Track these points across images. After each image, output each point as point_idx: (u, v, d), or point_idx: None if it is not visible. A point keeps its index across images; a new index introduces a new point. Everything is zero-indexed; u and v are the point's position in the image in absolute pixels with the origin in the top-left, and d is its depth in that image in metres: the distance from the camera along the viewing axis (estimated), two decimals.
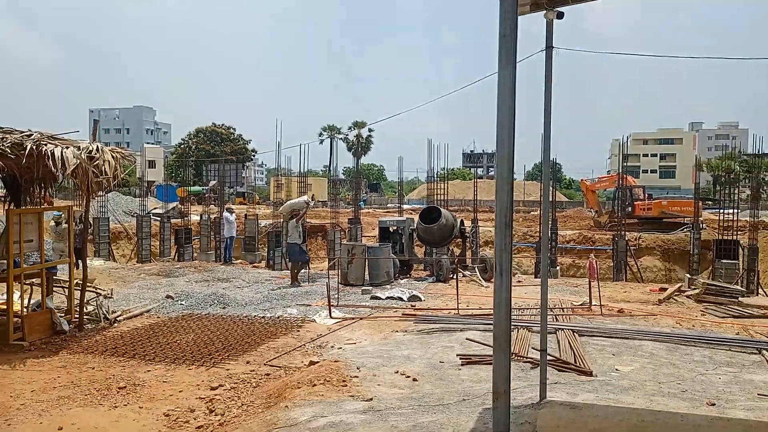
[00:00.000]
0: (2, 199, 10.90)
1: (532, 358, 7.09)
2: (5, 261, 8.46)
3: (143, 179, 30.83)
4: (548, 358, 6.03)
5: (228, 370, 7.20)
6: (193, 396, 6.30)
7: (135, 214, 27.90)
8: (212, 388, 6.48)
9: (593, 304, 10.85)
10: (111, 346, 8.19)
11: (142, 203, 27.52)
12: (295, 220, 14.44)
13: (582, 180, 40.39)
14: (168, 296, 11.64)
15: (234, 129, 73.31)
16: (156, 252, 23.21)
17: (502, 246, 3.27)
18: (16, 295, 8.69)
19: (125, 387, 6.51)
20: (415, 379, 6.48)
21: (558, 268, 21.22)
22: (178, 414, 5.79)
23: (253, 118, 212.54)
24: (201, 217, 24.40)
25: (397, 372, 6.75)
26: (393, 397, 5.86)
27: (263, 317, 10.07)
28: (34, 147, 8.14)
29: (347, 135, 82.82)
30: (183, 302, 11.29)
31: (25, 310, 8.95)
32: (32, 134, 8.51)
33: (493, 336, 3.29)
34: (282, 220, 22.10)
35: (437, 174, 24.55)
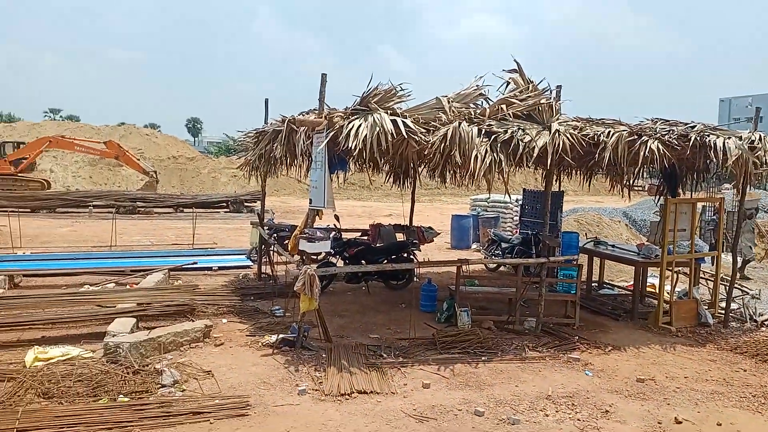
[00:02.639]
0: (645, 188, 11.57)
1: None
2: (660, 247, 8.97)
3: None
4: None
5: None
6: None
7: None
8: None
9: None
10: (763, 350, 7.58)
11: None
12: None
13: None
14: None
15: None
16: None
17: None
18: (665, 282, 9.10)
19: None
20: None
21: None
22: None
23: None
24: None
25: None
26: None
27: None
28: (698, 138, 8.19)
29: None
30: None
31: (672, 296, 9.31)
32: (695, 125, 8.60)
33: None
34: None
35: None
